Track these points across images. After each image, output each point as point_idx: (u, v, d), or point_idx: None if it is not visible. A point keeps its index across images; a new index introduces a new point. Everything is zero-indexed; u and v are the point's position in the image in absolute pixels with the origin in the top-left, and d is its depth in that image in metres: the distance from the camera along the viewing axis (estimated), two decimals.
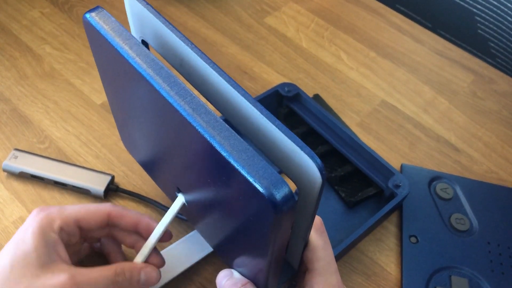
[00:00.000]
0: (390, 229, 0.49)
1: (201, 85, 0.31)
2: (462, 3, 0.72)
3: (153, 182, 0.49)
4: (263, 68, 0.62)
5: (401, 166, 0.53)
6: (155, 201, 0.48)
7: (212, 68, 0.29)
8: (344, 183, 0.51)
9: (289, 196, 0.24)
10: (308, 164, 0.25)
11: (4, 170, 0.49)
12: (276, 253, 0.29)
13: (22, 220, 0.47)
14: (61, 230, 0.35)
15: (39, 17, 0.64)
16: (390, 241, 0.48)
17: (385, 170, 0.48)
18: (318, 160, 0.25)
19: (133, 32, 0.35)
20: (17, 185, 0.49)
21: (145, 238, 0.38)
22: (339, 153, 0.52)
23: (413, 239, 0.47)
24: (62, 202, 0.48)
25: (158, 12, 0.33)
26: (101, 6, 0.36)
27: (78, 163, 0.51)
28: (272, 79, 0.61)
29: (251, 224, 0.27)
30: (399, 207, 0.50)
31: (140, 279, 0.37)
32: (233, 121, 0.30)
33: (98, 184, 0.48)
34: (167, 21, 0.32)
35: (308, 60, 0.64)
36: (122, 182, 0.50)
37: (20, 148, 0.51)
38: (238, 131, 0.29)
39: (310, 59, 0.64)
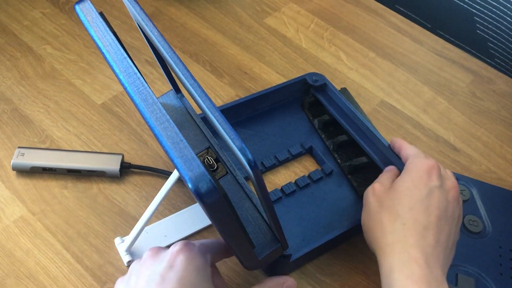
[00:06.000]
0: None
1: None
2: (461, 3, 0.72)
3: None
4: (263, 68, 0.62)
5: None
6: (168, 171, 0.50)
7: (169, 57, 0.31)
8: (358, 173, 0.52)
9: (211, 189, 0.26)
10: (241, 158, 0.27)
11: (14, 169, 0.49)
12: (226, 228, 0.31)
13: (22, 219, 0.47)
14: (211, 262, 0.36)
15: (40, 17, 0.65)
16: None
17: (400, 165, 0.49)
18: (249, 155, 0.27)
19: (132, 16, 0.37)
20: (18, 184, 0.49)
21: None
22: (357, 144, 0.53)
23: None
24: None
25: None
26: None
27: None
28: (272, 79, 0.61)
29: None
30: None
31: None
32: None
33: (112, 164, 0.49)
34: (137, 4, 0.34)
35: (308, 61, 0.64)
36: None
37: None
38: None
39: (310, 59, 0.64)
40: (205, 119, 0.51)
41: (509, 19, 0.68)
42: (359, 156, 0.52)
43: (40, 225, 0.47)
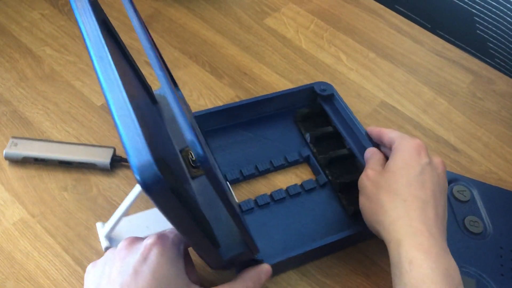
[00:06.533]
0: None
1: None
2: (461, 3, 0.72)
3: None
4: (263, 69, 0.62)
5: None
6: None
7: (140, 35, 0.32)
8: (349, 191, 0.49)
9: (156, 180, 0.26)
10: (193, 152, 0.27)
11: (6, 158, 0.49)
12: (177, 222, 0.30)
13: (22, 221, 0.47)
14: (184, 252, 0.37)
15: (39, 18, 0.65)
16: None
17: None
18: (199, 150, 0.27)
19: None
20: (18, 186, 0.49)
21: None
22: (351, 161, 0.52)
23: None
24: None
25: None
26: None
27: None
28: (272, 80, 0.61)
29: None
30: None
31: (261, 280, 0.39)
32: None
33: (103, 157, 0.49)
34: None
35: (307, 61, 0.64)
36: None
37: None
38: None
39: (310, 60, 0.64)
40: (197, 117, 0.51)
41: (509, 19, 0.68)
42: (352, 173, 0.50)
43: (40, 228, 0.46)
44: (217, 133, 0.53)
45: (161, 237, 0.35)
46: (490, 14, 0.70)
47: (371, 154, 0.47)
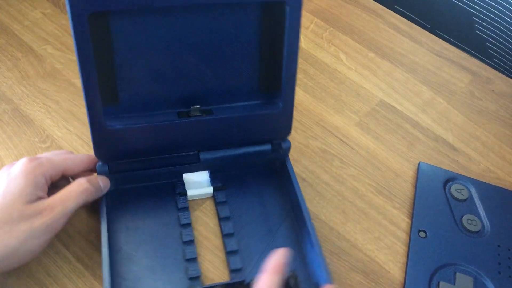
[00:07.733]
0: (389, 228, 0.49)
1: None
2: (460, 4, 0.73)
3: None
4: None
5: (419, 164, 0.54)
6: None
7: None
8: None
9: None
10: None
11: None
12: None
13: None
14: (50, 177, 0.42)
15: (40, 17, 0.65)
16: (389, 239, 0.49)
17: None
18: None
19: None
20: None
21: None
22: None
23: (422, 234, 0.48)
24: None
25: None
26: None
27: None
28: None
29: None
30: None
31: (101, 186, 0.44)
32: None
33: None
34: None
35: (307, 61, 0.64)
36: None
37: (21, 148, 0.52)
38: None
39: (310, 59, 0.64)
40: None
41: (508, 20, 0.69)
42: None
43: None
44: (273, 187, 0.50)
45: (31, 158, 0.41)
46: (489, 14, 0.70)
47: None
